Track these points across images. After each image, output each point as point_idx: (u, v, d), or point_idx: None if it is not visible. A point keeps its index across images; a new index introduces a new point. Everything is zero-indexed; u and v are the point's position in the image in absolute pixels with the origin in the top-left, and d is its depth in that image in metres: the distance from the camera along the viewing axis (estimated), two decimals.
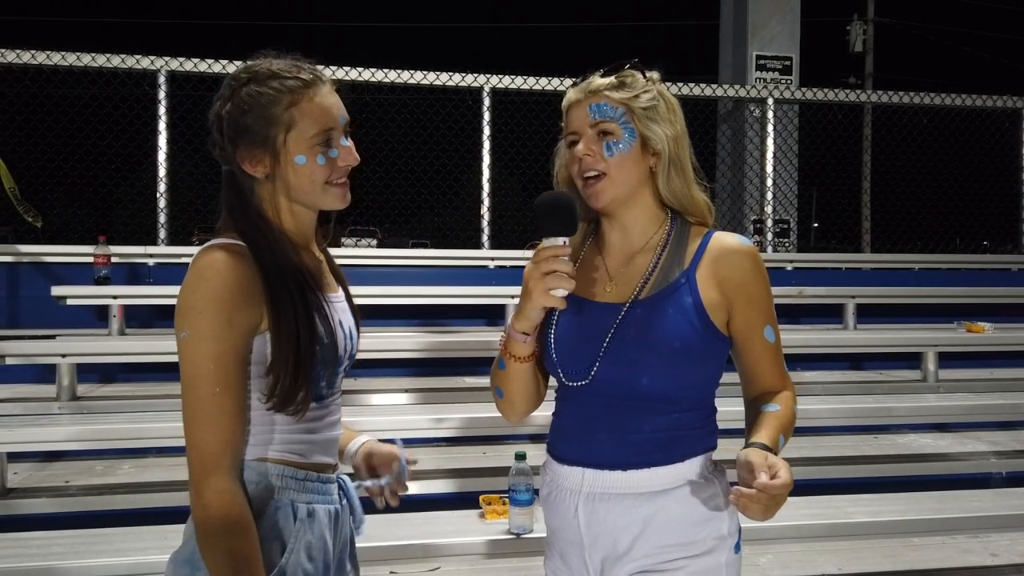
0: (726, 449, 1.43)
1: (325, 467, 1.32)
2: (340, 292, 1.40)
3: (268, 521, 1.23)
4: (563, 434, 1.41)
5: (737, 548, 1.36)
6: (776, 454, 1.23)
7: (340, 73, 5.28)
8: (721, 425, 1.42)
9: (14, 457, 3.30)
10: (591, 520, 1.34)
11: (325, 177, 1.27)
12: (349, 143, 1.31)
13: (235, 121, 1.26)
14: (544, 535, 1.48)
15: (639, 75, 1.38)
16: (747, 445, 1.25)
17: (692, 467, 1.34)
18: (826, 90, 6.34)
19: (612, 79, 1.37)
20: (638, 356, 1.31)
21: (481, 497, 2.89)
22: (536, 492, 2.09)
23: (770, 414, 1.31)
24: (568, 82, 1.45)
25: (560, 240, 1.27)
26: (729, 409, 1.46)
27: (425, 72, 5.62)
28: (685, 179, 1.39)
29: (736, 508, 1.18)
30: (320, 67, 1.33)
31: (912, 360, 4.82)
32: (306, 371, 1.22)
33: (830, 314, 5.34)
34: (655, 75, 1.40)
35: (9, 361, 3.72)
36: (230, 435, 1.18)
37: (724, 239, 1.38)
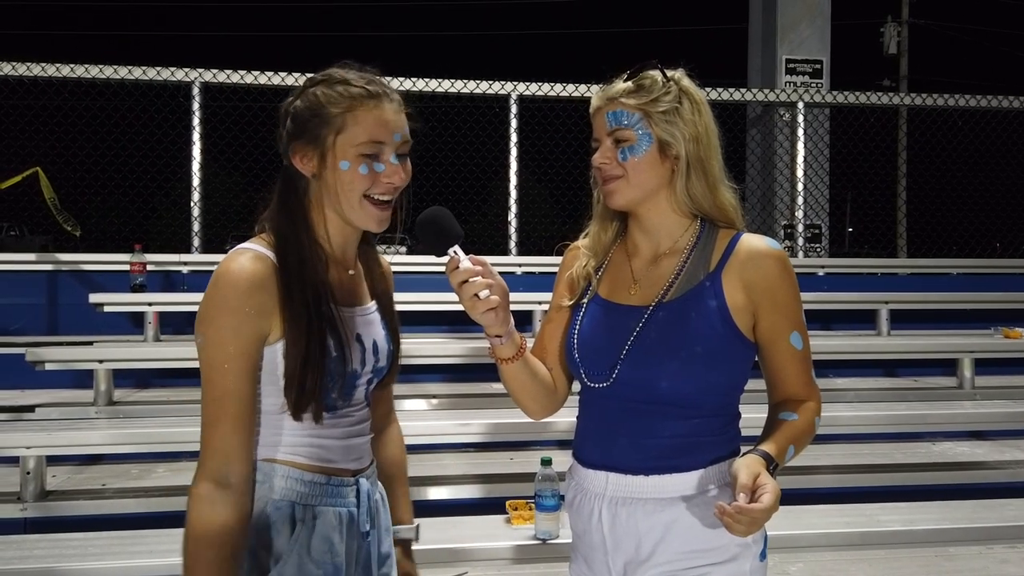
0: None
1: (341, 471, 1.33)
2: (371, 304, 1.40)
3: (267, 520, 1.26)
4: (586, 437, 1.40)
5: (763, 556, 1.34)
6: (780, 464, 1.22)
7: None
8: (747, 432, 1.39)
9: (53, 460, 3.37)
10: (614, 524, 1.33)
11: (364, 189, 1.28)
12: (398, 163, 1.30)
13: (296, 116, 1.30)
14: (569, 540, 1.47)
15: (659, 77, 1.35)
16: (751, 451, 1.23)
17: (714, 473, 1.32)
18: (858, 93, 6.24)
19: (629, 84, 1.35)
20: (658, 359, 1.30)
21: (508, 502, 2.90)
22: (562, 498, 2.08)
23: (785, 423, 1.29)
24: (595, 88, 1.44)
25: (451, 252, 1.24)
26: (757, 416, 1.44)
27: (452, 80, 5.66)
28: (707, 182, 1.35)
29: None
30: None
31: (948, 367, 4.73)
32: (316, 383, 1.25)
33: (863, 320, 5.26)
34: (677, 74, 1.36)
35: (48, 367, 3.80)
36: (231, 436, 1.21)
37: (752, 241, 1.34)
